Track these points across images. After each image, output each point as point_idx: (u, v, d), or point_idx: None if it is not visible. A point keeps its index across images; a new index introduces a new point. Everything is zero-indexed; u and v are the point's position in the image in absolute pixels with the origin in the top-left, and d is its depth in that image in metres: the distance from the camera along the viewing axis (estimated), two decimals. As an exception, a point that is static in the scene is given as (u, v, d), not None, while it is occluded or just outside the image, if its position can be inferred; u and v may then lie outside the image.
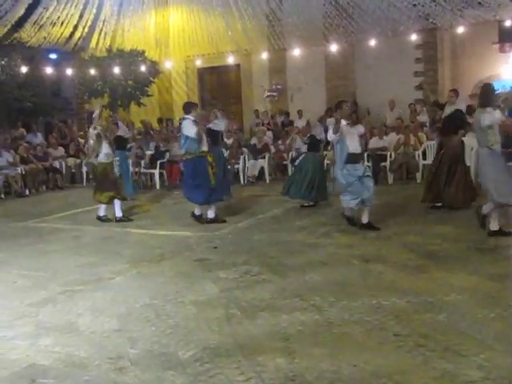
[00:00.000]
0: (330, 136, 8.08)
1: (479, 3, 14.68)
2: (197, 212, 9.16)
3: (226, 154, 12.64)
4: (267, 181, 13.72)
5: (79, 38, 18.36)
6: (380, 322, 4.53)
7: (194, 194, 8.99)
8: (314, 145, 10.14)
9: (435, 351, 3.93)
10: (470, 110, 9.95)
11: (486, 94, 7.30)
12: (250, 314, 4.86)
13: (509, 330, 4.25)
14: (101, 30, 18.43)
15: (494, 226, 7.14)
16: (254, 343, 4.23)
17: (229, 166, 12.85)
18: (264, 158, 14.08)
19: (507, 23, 16.13)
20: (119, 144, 11.31)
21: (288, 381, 3.62)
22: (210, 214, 9.07)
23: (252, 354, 4.03)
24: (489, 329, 4.28)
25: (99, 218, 9.74)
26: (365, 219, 7.96)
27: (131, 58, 18.16)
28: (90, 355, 4.17)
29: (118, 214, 9.64)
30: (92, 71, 17.77)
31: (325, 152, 12.87)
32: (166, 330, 4.62)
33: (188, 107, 9.17)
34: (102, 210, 9.77)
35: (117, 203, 9.60)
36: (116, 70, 17.57)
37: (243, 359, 3.95)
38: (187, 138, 8.86)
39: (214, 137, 10.51)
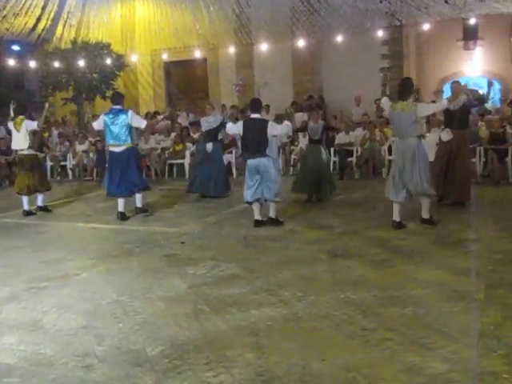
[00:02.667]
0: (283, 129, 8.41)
1: (445, 1, 14.88)
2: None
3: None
4: (234, 176, 13.70)
5: (43, 30, 18.03)
6: (348, 316, 4.57)
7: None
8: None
9: (402, 345, 3.98)
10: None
11: (407, 87, 7.63)
12: (218, 309, 4.85)
13: (473, 323, 4.33)
14: (65, 21, 18.13)
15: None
16: (222, 339, 4.23)
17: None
18: (231, 152, 14.04)
19: (471, 21, 16.42)
20: None
21: (257, 376, 3.62)
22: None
23: (221, 349, 4.02)
24: (454, 322, 4.35)
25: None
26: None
27: (96, 50, 17.96)
28: (56, 353, 4.11)
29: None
30: (56, 64, 17.50)
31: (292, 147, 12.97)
32: (133, 326, 4.58)
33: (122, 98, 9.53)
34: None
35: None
36: (81, 62, 17.34)
37: (212, 355, 3.94)
38: (132, 128, 9.00)
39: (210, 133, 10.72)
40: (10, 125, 9.90)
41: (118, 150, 9.02)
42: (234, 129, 8.49)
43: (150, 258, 6.73)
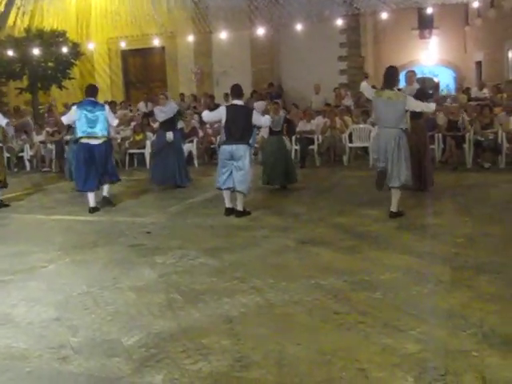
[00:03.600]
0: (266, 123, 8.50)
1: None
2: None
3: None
4: (196, 165, 13.65)
5: (-5, 17, 17.56)
6: (320, 301, 4.65)
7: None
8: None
9: (375, 327, 4.07)
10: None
11: (392, 76, 7.63)
12: (190, 298, 4.86)
13: (441, 304, 4.46)
14: (18, 8, 17.67)
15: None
16: (197, 327, 4.25)
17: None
18: (192, 142, 13.98)
19: (427, 10, 16.71)
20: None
21: (235, 362, 3.66)
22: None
23: (197, 337, 4.04)
24: (423, 304, 4.48)
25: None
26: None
27: (51, 38, 17.56)
28: (29, 346, 4.06)
29: None
30: (10, 52, 17.04)
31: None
32: (106, 316, 4.55)
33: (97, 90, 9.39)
34: None
35: None
36: (35, 51, 16.93)
37: (189, 343, 3.96)
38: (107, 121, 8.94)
39: (166, 121, 10.62)
40: None
41: (94, 142, 8.84)
42: (212, 116, 8.41)
43: (116, 249, 6.68)
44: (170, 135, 10.58)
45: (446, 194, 8.98)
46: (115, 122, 9.27)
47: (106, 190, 9.23)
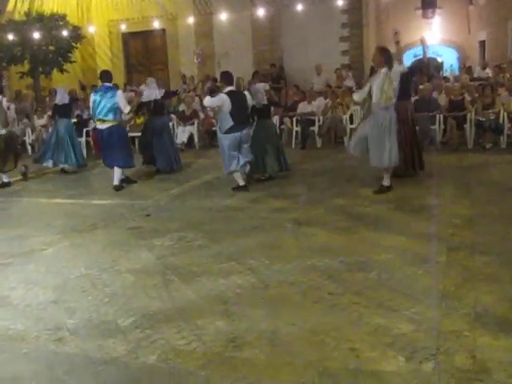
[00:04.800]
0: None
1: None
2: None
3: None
4: (197, 147, 13.65)
5: (-5, 1, 17.49)
6: (315, 282, 4.68)
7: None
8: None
9: (368, 307, 4.11)
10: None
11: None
12: (187, 279, 4.90)
13: (436, 285, 4.48)
14: (18, -8, 17.61)
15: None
16: (193, 308, 4.29)
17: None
18: (193, 124, 13.97)
19: (429, -11, 16.55)
20: (61, 112, 11.18)
21: (229, 342, 3.70)
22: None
23: (192, 318, 4.09)
24: (417, 284, 4.50)
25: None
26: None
27: (52, 22, 17.46)
28: (27, 328, 4.11)
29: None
30: (10, 36, 16.97)
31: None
32: (103, 298, 4.60)
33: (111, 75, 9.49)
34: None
35: None
36: (36, 34, 16.85)
37: (183, 323, 4.00)
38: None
39: (156, 106, 10.52)
40: None
41: (101, 126, 9.16)
42: (215, 101, 8.35)
43: (116, 231, 6.73)
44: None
45: (446, 175, 8.96)
46: (126, 109, 9.25)
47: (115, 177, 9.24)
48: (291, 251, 5.54)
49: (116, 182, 9.21)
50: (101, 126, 9.19)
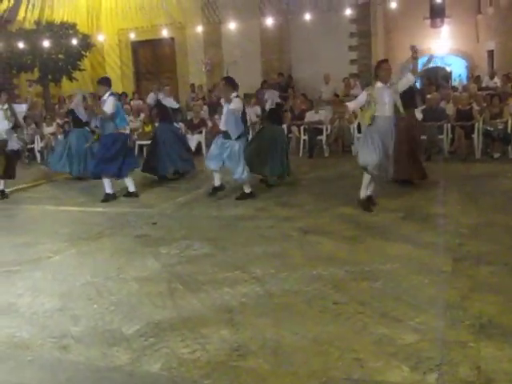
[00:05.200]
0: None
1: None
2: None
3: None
4: (205, 155, 13.66)
5: (5, 10, 17.61)
6: (320, 291, 4.67)
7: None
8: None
9: (373, 317, 4.10)
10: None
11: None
12: (192, 287, 4.91)
13: (441, 295, 4.46)
14: (28, 1, 17.73)
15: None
16: (197, 316, 4.29)
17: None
18: (201, 132, 14.02)
19: (438, -1, 16.56)
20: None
21: (232, 351, 3.70)
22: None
23: (196, 326, 4.09)
24: (423, 294, 4.49)
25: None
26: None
27: (61, 30, 17.59)
28: (32, 335, 4.13)
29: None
30: (20, 44, 17.11)
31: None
32: (108, 306, 4.61)
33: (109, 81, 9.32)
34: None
35: None
36: (46, 43, 16.98)
37: (187, 332, 4.01)
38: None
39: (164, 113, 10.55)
40: None
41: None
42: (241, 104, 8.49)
43: (122, 239, 6.75)
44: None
45: (454, 185, 8.93)
46: (108, 112, 8.73)
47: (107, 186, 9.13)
48: (297, 260, 5.53)
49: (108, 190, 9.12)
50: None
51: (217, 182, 8.91)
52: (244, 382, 3.33)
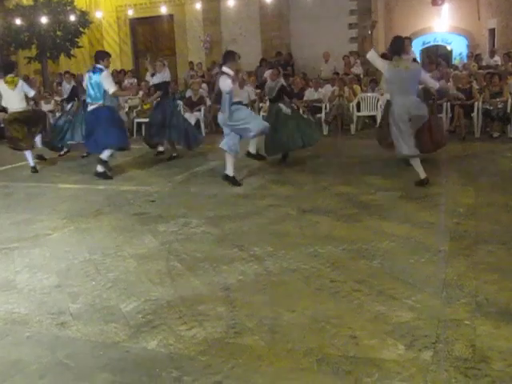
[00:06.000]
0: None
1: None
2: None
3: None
4: (203, 133, 13.63)
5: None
6: (317, 269, 4.69)
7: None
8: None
9: (370, 295, 4.11)
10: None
11: (401, 45, 7.47)
12: (190, 265, 4.92)
13: (438, 274, 4.47)
14: (26, -23, 17.61)
15: None
16: (195, 294, 4.31)
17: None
18: (200, 110, 13.96)
19: (439, -24, 16.38)
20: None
21: (229, 328, 3.72)
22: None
23: (193, 304, 4.11)
24: (419, 273, 4.50)
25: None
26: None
27: (59, 7, 17.47)
28: (30, 312, 4.15)
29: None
30: (18, 21, 16.99)
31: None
32: (106, 284, 4.63)
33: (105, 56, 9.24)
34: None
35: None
36: (43, 19, 16.85)
37: (185, 309, 4.03)
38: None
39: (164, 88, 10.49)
40: (2, 86, 9.77)
41: (89, 108, 9.09)
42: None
43: (121, 217, 6.75)
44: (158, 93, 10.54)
45: (452, 164, 8.93)
46: (111, 90, 8.88)
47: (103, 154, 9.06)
48: (295, 238, 5.54)
49: (100, 168, 9.04)
50: (89, 107, 9.10)
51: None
52: (240, 359, 3.35)
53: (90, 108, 9.08)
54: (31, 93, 9.99)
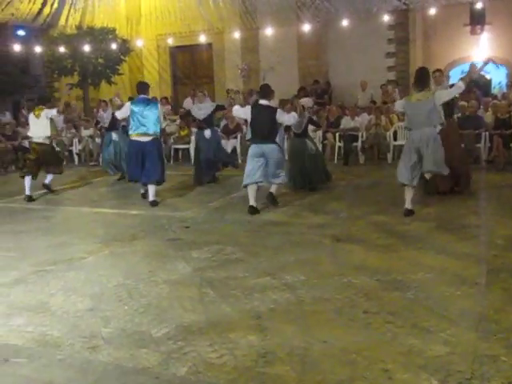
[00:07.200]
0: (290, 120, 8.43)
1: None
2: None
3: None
4: (239, 160, 13.70)
5: (48, 15, 18.05)
6: (350, 299, 4.63)
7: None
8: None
9: (403, 328, 4.03)
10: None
11: (424, 77, 7.49)
12: (222, 292, 4.91)
13: (474, 307, 4.37)
14: (70, 6, 18.13)
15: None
16: (226, 321, 4.29)
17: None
18: (236, 137, 14.06)
19: (478, 5, 16.32)
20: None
21: (260, 357, 3.69)
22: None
23: (224, 331, 4.09)
24: (455, 306, 4.40)
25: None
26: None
27: (101, 35, 17.94)
28: (63, 334, 4.19)
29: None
30: (61, 49, 17.49)
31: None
32: (138, 308, 4.65)
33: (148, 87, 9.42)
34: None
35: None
36: (86, 47, 17.32)
37: (216, 337, 4.01)
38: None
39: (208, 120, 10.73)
40: (30, 116, 10.18)
41: (144, 139, 8.90)
42: (240, 112, 8.52)
43: (155, 242, 6.80)
44: (207, 132, 10.66)
45: (490, 194, 8.78)
46: (164, 124, 9.19)
47: (150, 191, 9.08)
48: (328, 268, 5.49)
49: (152, 197, 9.03)
50: (141, 138, 8.88)
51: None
52: (270, 389, 3.32)
53: (143, 139, 8.87)
54: (53, 111, 10.13)
